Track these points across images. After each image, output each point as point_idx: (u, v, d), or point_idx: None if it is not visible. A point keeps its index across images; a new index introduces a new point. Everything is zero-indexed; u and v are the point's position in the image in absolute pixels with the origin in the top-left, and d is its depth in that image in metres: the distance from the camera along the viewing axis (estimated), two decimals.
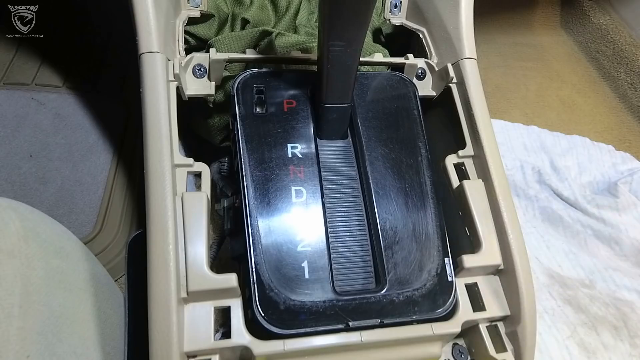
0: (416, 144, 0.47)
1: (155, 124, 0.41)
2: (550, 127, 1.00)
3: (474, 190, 0.47)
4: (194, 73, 0.48)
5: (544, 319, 0.71)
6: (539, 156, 0.94)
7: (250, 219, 0.40)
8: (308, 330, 0.38)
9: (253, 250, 0.39)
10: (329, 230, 0.42)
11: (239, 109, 0.45)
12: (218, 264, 0.67)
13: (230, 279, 0.38)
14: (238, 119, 0.44)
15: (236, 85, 0.46)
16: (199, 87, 0.48)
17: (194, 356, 0.37)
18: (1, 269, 0.34)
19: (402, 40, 0.64)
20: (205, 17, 0.54)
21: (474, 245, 0.46)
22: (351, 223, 0.44)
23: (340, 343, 0.39)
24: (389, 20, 0.60)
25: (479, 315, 0.43)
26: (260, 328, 0.37)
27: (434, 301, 0.41)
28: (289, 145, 0.44)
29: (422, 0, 0.57)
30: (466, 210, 0.47)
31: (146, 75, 0.42)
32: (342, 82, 0.42)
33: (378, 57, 0.54)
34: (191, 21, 0.52)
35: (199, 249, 0.38)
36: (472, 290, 0.45)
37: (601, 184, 0.91)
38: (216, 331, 0.38)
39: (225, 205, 0.49)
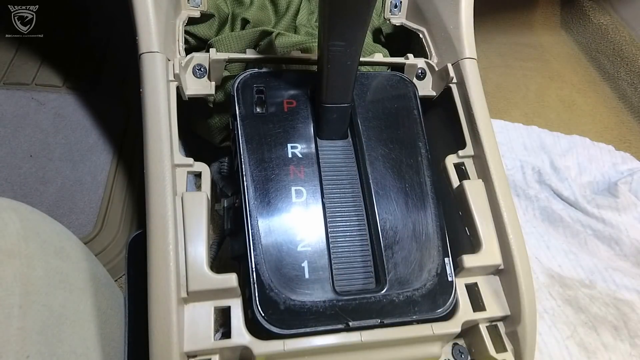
0: (416, 144, 0.47)
1: (155, 124, 0.41)
2: (550, 127, 1.00)
3: (474, 190, 0.47)
4: (194, 73, 0.48)
5: (544, 319, 0.71)
6: (539, 156, 0.94)
7: (250, 219, 0.40)
8: (308, 330, 0.38)
9: (253, 250, 0.39)
10: (329, 230, 0.42)
11: (239, 109, 0.45)
12: (218, 264, 0.67)
13: (230, 279, 0.38)
14: (238, 119, 0.44)
15: (236, 85, 0.46)
16: (199, 87, 0.48)
17: (194, 356, 0.37)
18: (1, 269, 0.34)
19: (402, 40, 0.64)
20: (205, 17, 0.54)
21: (474, 245, 0.46)
22: (351, 223, 0.44)
23: (340, 343, 0.39)
24: (389, 20, 0.60)
25: (479, 315, 0.43)
26: (261, 328, 0.37)
27: (434, 301, 0.41)
28: (289, 145, 0.44)
29: (422, 0, 0.57)
30: (466, 210, 0.47)
31: (146, 75, 0.42)
32: (342, 82, 0.42)
33: (378, 57, 0.54)
34: (191, 21, 0.52)
35: (199, 249, 0.38)
36: (472, 290, 0.45)
37: (601, 184, 0.91)
38: (216, 331, 0.38)
39: (225, 205, 0.49)
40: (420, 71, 0.55)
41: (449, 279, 0.42)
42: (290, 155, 0.44)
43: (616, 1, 1.22)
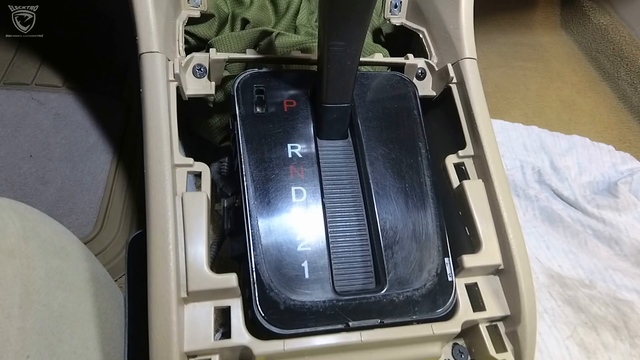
0: (416, 144, 0.47)
1: (155, 124, 0.41)
2: (550, 127, 1.00)
3: (474, 190, 0.47)
4: (194, 73, 0.48)
5: (544, 319, 0.71)
6: (539, 156, 0.94)
7: (250, 219, 0.40)
8: (308, 330, 0.38)
9: (253, 250, 0.39)
10: (329, 230, 0.42)
11: (239, 109, 0.45)
12: (218, 264, 0.67)
13: (230, 279, 0.38)
14: (238, 119, 0.44)
15: (236, 85, 0.46)
16: (199, 87, 0.48)
17: (194, 356, 0.37)
18: (1, 269, 0.34)
19: (402, 40, 0.64)
20: (205, 17, 0.54)
21: (474, 245, 0.46)
22: (351, 223, 0.44)
23: (340, 343, 0.39)
24: (389, 20, 0.60)
25: (479, 315, 0.43)
26: (260, 328, 0.37)
27: (434, 301, 0.41)
28: (289, 145, 0.44)
29: (422, 0, 0.57)
30: (466, 210, 0.47)
31: (146, 75, 0.42)
32: (342, 82, 0.42)
33: (378, 57, 0.54)
34: (191, 21, 0.52)
35: (199, 249, 0.38)
36: (472, 290, 0.45)
37: (601, 184, 0.91)
38: (216, 331, 0.38)
39: (225, 205, 0.49)
40: (420, 71, 0.55)
41: (449, 279, 0.42)
42: (290, 155, 0.44)
43: (616, 1, 1.22)
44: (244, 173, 0.42)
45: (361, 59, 0.44)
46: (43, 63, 0.86)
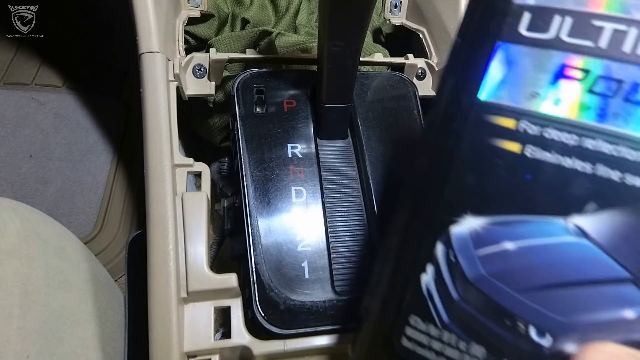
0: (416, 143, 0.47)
1: (155, 124, 0.41)
2: None
3: None
4: (194, 73, 0.48)
5: None
6: None
7: (250, 219, 0.40)
8: (308, 330, 0.38)
9: (253, 250, 0.39)
10: (329, 230, 0.42)
11: (239, 109, 0.45)
12: (218, 264, 0.68)
13: (230, 279, 0.38)
14: (238, 119, 0.44)
15: (236, 85, 0.46)
16: (199, 87, 0.48)
17: (194, 356, 0.37)
18: (1, 269, 0.34)
19: (402, 40, 0.64)
20: (205, 17, 0.54)
21: None
22: (351, 223, 0.44)
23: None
24: (389, 20, 0.60)
25: None
26: (261, 328, 0.37)
27: None
28: (289, 145, 0.44)
29: (422, 0, 0.57)
30: None
31: (146, 75, 0.42)
32: (342, 82, 0.42)
33: (378, 57, 0.54)
34: (191, 21, 0.52)
35: (199, 249, 0.38)
36: None
37: None
38: (216, 331, 0.38)
39: (225, 205, 0.49)
40: (420, 71, 0.55)
41: None
42: (290, 155, 0.44)
43: None
44: (244, 173, 0.42)
45: (361, 59, 0.44)
46: (43, 63, 0.86)
